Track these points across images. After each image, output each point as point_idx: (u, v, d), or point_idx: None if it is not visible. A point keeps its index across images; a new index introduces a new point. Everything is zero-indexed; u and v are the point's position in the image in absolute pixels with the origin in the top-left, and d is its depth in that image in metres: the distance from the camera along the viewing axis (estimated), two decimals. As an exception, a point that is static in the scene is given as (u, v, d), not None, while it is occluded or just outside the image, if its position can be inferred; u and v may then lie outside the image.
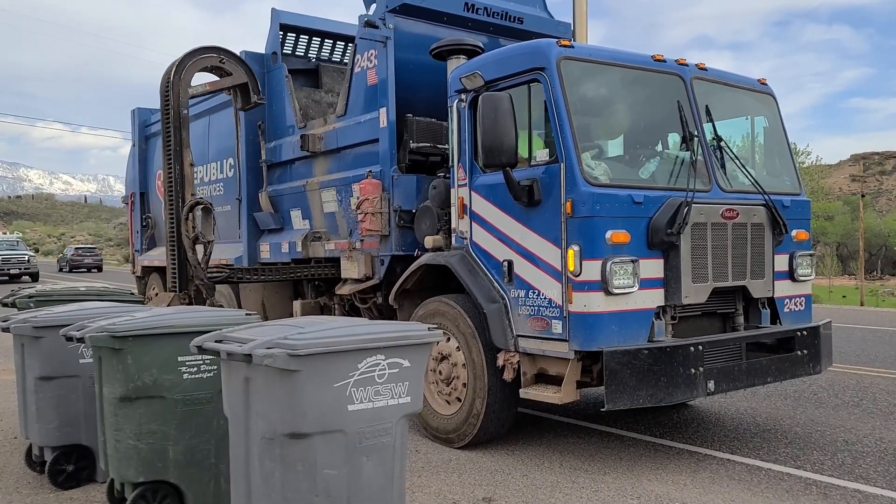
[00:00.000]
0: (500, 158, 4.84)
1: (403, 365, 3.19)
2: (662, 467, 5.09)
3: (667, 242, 4.87)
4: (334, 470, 2.99)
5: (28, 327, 4.63)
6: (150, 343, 3.84)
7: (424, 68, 6.91)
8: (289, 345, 2.90)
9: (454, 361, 5.61)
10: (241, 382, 3.11)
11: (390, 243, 6.60)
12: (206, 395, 3.93)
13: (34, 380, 4.72)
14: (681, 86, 5.41)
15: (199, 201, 6.97)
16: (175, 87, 7.15)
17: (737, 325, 5.54)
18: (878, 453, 5.42)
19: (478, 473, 5.00)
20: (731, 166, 5.50)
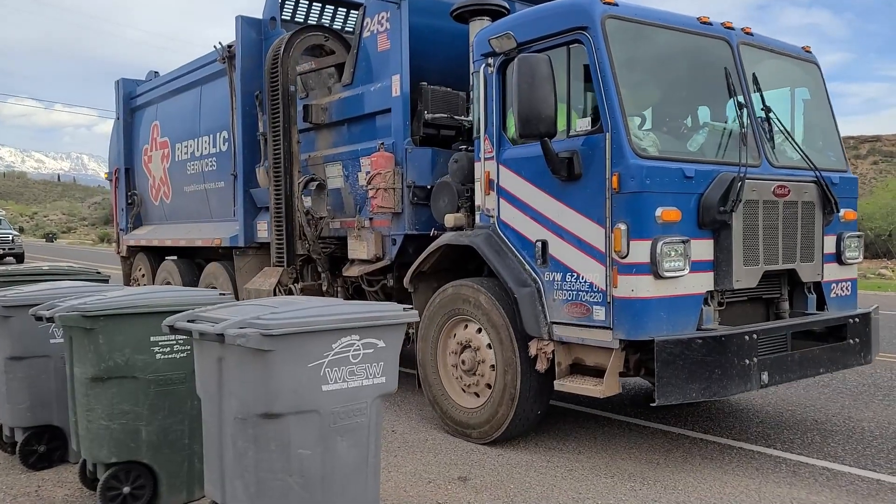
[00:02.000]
0: (537, 127, 4.38)
1: (378, 345, 3.19)
2: (637, 446, 5.13)
3: (719, 221, 4.46)
4: (308, 450, 3.01)
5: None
6: (122, 323, 3.81)
7: (439, 34, 6.43)
8: (262, 325, 2.88)
9: (478, 350, 5.18)
10: (214, 362, 3.11)
11: (403, 221, 6.13)
12: (180, 376, 3.92)
13: (4, 360, 4.67)
14: (727, 51, 4.98)
15: (314, 178, 6.86)
16: (284, 64, 6.94)
17: (781, 311, 5.16)
18: (847, 432, 5.44)
19: (454, 453, 5.01)
20: (779, 140, 5.09)
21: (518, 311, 4.82)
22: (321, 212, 6.92)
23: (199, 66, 8.98)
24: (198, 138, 8.93)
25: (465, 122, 6.26)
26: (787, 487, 4.31)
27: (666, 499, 4.15)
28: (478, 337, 5.22)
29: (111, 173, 11.08)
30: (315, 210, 6.94)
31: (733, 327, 4.47)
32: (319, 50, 7.35)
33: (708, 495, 4.20)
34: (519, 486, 4.35)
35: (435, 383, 5.52)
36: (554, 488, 4.33)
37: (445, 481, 4.44)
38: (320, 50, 7.34)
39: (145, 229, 10.38)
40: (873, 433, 5.41)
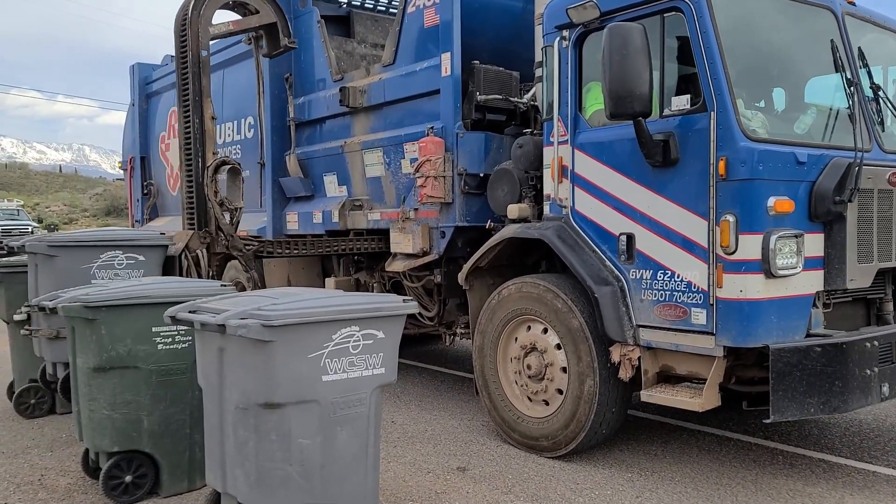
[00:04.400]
0: (632, 106, 3.85)
1: (378, 336, 3.22)
2: (634, 438, 5.07)
3: (833, 213, 3.95)
4: (308, 439, 3.05)
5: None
6: (124, 313, 3.84)
7: (489, 9, 5.95)
8: (263, 315, 2.91)
9: (545, 352, 4.68)
10: (216, 353, 3.15)
11: (453, 212, 5.62)
12: (181, 366, 3.95)
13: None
14: (833, 22, 4.45)
15: (226, 161, 6.04)
16: (193, 25, 6.09)
17: (885, 312, 4.63)
18: (844, 425, 5.35)
19: (453, 444, 5.00)
20: (889, 122, 4.57)
21: (599, 312, 4.30)
22: (236, 201, 5.99)
23: (221, 47, 8.43)
24: (220, 125, 8.39)
25: (520, 104, 5.76)
26: (784, 479, 4.29)
27: (663, 489, 4.15)
28: (544, 338, 4.72)
29: (125, 162, 10.57)
30: (230, 199, 6.00)
31: (852, 333, 3.95)
32: (243, 9, 6.56)
33: (705, 486, 4.19)
34: (517, 477, 4.36)
35: (495, 392, 5.02)
36: (552, 479, 4.32)
37: (444, 471, 4.46)
38: (244, 9, 6.56)
39: (162, 221, 9.85)
40: (870, 426, 5.34)
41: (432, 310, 6.28)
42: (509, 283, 4.95)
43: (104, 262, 5.22)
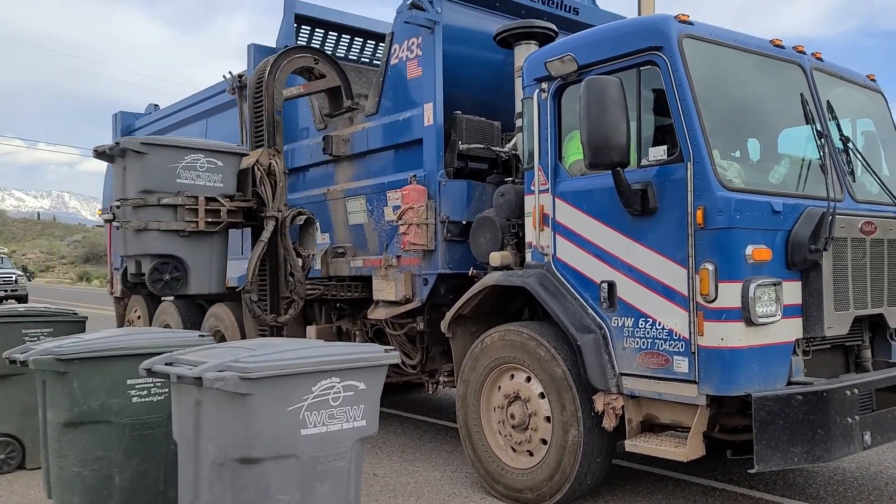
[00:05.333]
0: (609, 156, 3.93)
1: (359, 387, 3.19)
2: (619, 487, 5.02)
3: (809, 261, 4.02)
4: (287, 495, 2.99)
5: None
6: (97, 366, 3.78)
7: (471, 62, 6.05)
8: (240, 367, 2.88)
9: (529, 401, 4.66)
10: (192, 406, 3.10)
11: (436, 259, 5.63)
12: (156, 420, 3.89)
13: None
14: (801, 76, 4.60)
15: (301, 212, 6.24)
16: (269, 87, 6.38)
17: (863, 359, 4.68)
18: (828, 474, 5.32)
19: (436, 496, 4.92)
20: (859, 172, 4.69)
21: (582, 360, 4.30)
22: (310, 248, 6.27)
23: (205, 97, 8.54)
24: (202, 172, 8.41)
25: (502, 153, 5.84)
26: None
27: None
28: (527, 387, 4.70)
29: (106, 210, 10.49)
30: (303, 247, 6.25)
31: (832, 381, 3.98)
32: (309, 73, 6.86)
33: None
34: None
35: (479, 442, 4.96)
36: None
37: (427, 526, 4.25)
38: (309, 73, 6.85)
39: (142, 268, 9.78)
40: (854, 474, 5.32)
41: (415, 358, 6.24)
42: (492, 331, 4.94)
43: (188, 163, 5.57)
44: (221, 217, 5.79)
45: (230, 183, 5.92)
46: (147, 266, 5.49)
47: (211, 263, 5.87)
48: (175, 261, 5.60)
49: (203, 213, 5.65)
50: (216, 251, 5.93)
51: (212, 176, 5.75)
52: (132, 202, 5.45)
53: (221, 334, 7.88)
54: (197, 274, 5.76)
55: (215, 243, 5.90)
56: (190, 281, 5.69)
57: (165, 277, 5.47)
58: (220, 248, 5.98)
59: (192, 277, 5.71)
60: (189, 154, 5.62)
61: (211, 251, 5.87)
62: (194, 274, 5.71)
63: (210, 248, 5.86)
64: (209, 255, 5.85)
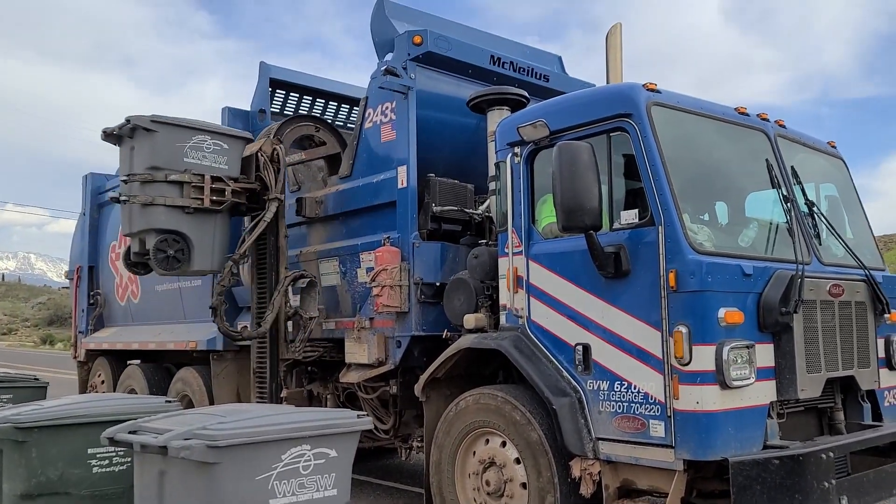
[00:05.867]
0: (582, 220, 3.97)
1: (330, 455, 3.13)
2: None
3: (781, 323, 4.05)
4: None
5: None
6: (57, 434, 3.68)
7: (445, 126, 6.16)
8: (208, 435, 2.81)
9: (504, 467, 4.56)
10: (156, 476, 3.01)
11: (409, 321, 5.59)
12: (117, 491, 3.77)
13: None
14: (766, 143, 4.74)
15: (303, 275, 6.28)
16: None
17: (836, 421, 4.69)
18: None
19: None
20: (824, 236, 4.79)
21: (557, 424, 4.25)
22: (311, 311, 6.28)
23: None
24: (173, 233, 8.33)
25: (476, 215, 5.89)
26: None
27: None
28: (503, 452, 4.61)
29: (72, 272, 10.32)
30: (305, 309, 6.29)
31: (808, 444, 3.96)
32: (309, 141, 7.03)
33: None
34: None
35: (454, 512, 4.83)
36: None
37: None
38: (310, 141, 7.03)
39: (108, 331, 9.56)
40: None
41: (388, 422, 6.12)
42: (467, 395, 4.87)
43: (195, 143, 5.79)
44: (226, 196, 5.99)
45: (234, 166, 6.15)
46: (151, 242, 5.70)
47: (214, 242, 6.05)
48: (179, 237, 5.79)
49: (208, 192, 5.88)
50: (219, 230, 6.10)
51: (217, 158, 5.99)
52: (140, 177, 5.68)
53: (189, 399, 7.68)
54: (200, 251, 5.94)
55: (218, 222, 6.09)
56: (193, 258, 5.87)
57: (169, 252, 5.65)
58: (222, 228, 6.16)
59: (195, 254, 5.90)
60: (196, 135, 5.85)
61: (214, 230, 6.05)
62: (197, 251, 5.91)
63: (213, 227, 6.04)
64: (212, 233, 6.04)
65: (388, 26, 6.17)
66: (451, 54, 6.01)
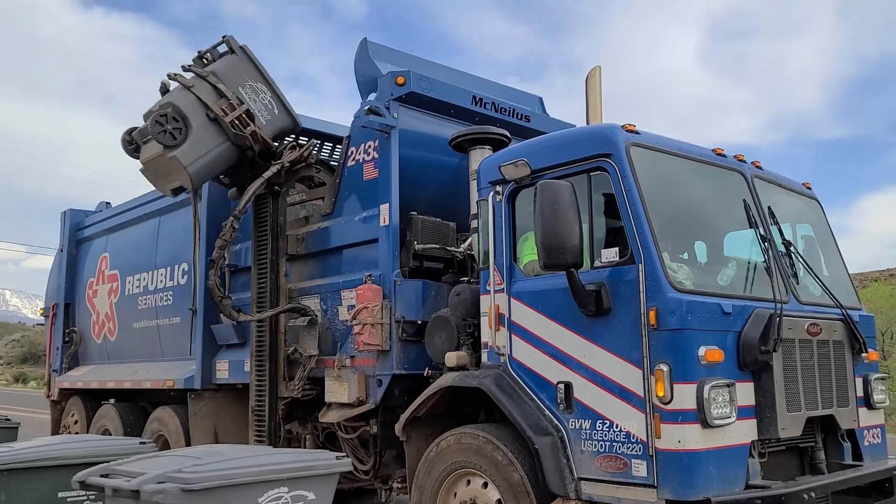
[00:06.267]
0: (563, 257, 4.00)
1: (308, 497, 3.11)
2: None
3: (761, 362, 4.07)
4: None
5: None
6: (28, 477, 3.58)
7: (427, 164, 6.20)
8: (182, 478, 2.76)
9: (487, 510, 4.49)
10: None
11: (390, 360, 5.55)
12: None
13: None
14: (743, 184, 4.83)
15: (306, 312, 6.20)
16: (276, 196, 6.55)
17: (817, 461, 4.69)
18: None
19: None
20: (801, 275, 4.85)
21: (539, 464, 4.21)
22: (311, 350, 6.17)
23: (159, 195, 8.44)
24: (153, 271, 8.27)
25: (457, 253, 5.90)
26: None
27: None
28: (484, 493, 4.55)
29: (47, 309, 10.17)
30: (304, 348, 6.19)
31: (790, 484, 3.96)
32: (309, 181, 7.09)
33: None
34: None
35: (435, 556, 4.73)
36: None
37: None
38: (309, 181, 7.08)
39: (83, 370, 9.38)
40: None
41: (368, 462, 6.02)
42: (448, 435, 4.82)
43: (256, 87, 6.29)
44: (246, 130, 6.10)
45: (270, 129, 6.38)
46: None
47: (206, 154, 6.05)
48: (183, 123, 5.87)
49: (236, 114, 6.04)
50: (216, 152, 6.13)
51: (263, 111, 6.32)
52: (198, 71, 6.08)
53: (165, 440, 7.52)
54: (192, 147, 5.93)
55: (222, 146, 6.12)
56: (183, 146, 5.86)
57: (167, 128, 5.75)
58: (221, 154, 6.16)
59: (187, 145, 5.89)
60: (262, 83, 6.35)
61: (214, 147, 6.09)
62: (190, 145, 5.90)
63: (215, 144, 6.09)
64: (211, 147, 6.06)
65: (371, 67, 6.25)
66: (433, 94, 6.09)
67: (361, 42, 6.38)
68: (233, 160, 6.35)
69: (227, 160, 6.32)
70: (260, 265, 6.53)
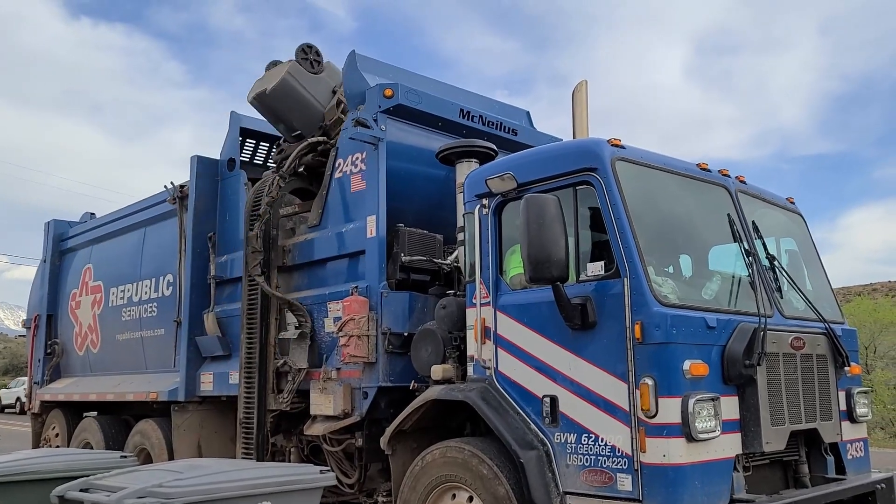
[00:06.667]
0: (549, 271, 4.01)
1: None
2: None
3: (745, 376, 4.09)
4: None
5: None
6: (6, 492, 3.53)
7: (414, 177, 6.20)
8: (163, 493, 2.74)
9: (473, 525, 4.46)
10: None
11: (376, 372, 5.52)
12: None
13: None
14: (727, 198, 4.87)
15: (298, 325, 6.15)
16: (275, 205, 6.54)
17: (801, 474, 4.71)
18: None
19: None
20: (785, 289, 4.89)
21: (525, 478, 4.19)
22: (300, 363, 6.09)
23: (144, 206, 8.45)
24: (137, 282, 8.21)
25: (444, 265, 5.89)
26: None
27: None
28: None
29: (30, 320, 10.05)
30: (294, 361, 6.12)
31: (774, 498, 3.98)
32: (303, 194, 7.03)
33: None
34: None
35: (420, 570, 4.69)
36: None
37: None
38: (306, 193, 7.01)
39: (64, 382, 9.27)
40: None
41: (353, 476, 5.98)
42: (433, 448, 4.79)
43: None
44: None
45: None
46: None
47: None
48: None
49: None
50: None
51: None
52: None
53: (148, 453, 7.44)
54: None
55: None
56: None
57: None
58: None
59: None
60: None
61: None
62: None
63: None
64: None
65: (359, 79, 6.26)
66: (421, 107, 6.11)
67: (350, 54, 6.39)
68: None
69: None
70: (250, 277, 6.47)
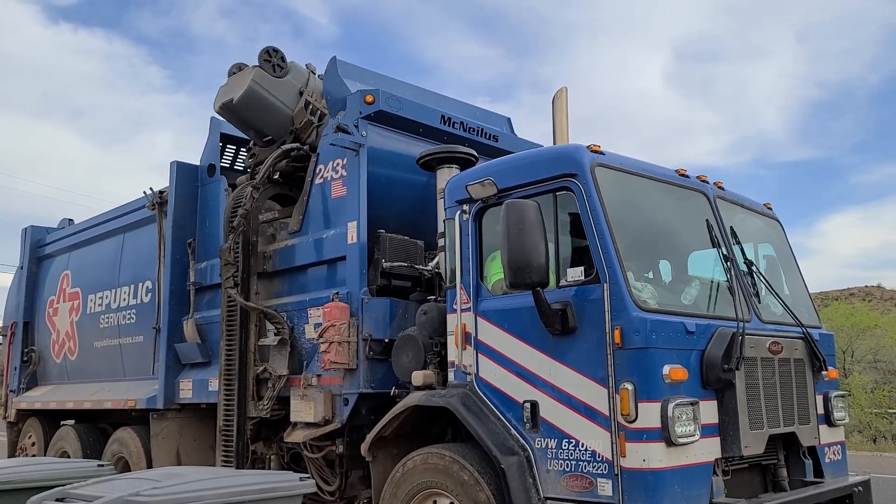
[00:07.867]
0: (529, 276, 4.01)
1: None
2: None
3: (724, 380, 4.12)
4: None
5: None
6: None
7: (395, 183, 6.19)
8: (140, 502, 2.70)
9: (455, 531, 4.45)
10: None
11: (357, 378, 5.50)
12: None
13: None
14: (706, 204, 4.90)
15: (278, 331, 6.12)
16: (248, 212, 6.45)
17: (780, 478, 4.75)
18: None
19: None
20: (763, 294, 4.94)
21: (505, 484, 4.18)
22: (280, 370, 6.05)
23: (123, 212, 8.36)
24: (116, 289, 8.12)
25: (425, 271, 5.89)
26: None
27: None
28: (455, 516, 4.50)
29: (6, 328, 9.91)
30: (274, 368, 6.08)
31: (752, 502, 4.00)
32: (282, 199, 7.03)
33: None
34: None
35: (400, 576, 4.67)
36: None
37: None
38: (283, 199, 7.02)
39: (41, 390, 9.14)
40: None
41: (333, 483, 5.93)
42: (414, 454, 4.77)
43: None
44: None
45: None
46: None
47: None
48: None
49: None
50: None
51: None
52: None
53: (126, 462, 7.35)
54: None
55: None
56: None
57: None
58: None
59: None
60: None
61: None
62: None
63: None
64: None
65: (340, 85, 6.25)
66: (402, 113, 6.11)
67: (331, 60, 6.39)
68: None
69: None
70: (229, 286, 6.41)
